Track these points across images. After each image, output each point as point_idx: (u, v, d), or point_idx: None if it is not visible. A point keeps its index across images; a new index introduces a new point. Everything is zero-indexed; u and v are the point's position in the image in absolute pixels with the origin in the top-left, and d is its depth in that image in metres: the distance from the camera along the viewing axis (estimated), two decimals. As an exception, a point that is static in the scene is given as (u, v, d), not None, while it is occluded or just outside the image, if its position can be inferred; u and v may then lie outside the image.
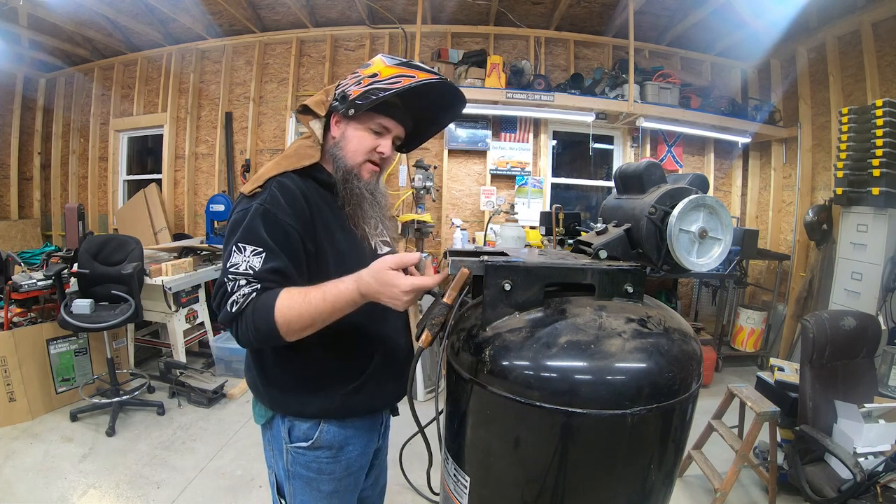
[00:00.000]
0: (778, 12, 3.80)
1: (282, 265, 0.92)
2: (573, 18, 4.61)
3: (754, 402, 2.23)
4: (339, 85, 1.08)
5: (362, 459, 1.15)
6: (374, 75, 1.02)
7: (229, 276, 0.91)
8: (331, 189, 1.07)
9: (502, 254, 0.97)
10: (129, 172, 5.61)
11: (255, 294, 0.89)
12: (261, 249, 0.91)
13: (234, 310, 0.89)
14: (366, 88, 1.01)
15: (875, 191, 3.09)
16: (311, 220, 0.99)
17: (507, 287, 0.87)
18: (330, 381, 1.06)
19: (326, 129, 1.10)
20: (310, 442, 1.05)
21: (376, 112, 1.05)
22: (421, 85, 1.01)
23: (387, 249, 1.19)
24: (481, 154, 4.73)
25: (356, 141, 1.06)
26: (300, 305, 0.88)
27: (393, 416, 1.26)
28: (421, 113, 1.15)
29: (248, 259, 0.90)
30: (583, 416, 0.76)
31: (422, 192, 4.02)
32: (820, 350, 2.09)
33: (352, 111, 1.02)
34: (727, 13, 3.97)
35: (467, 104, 1.19)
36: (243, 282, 0.89)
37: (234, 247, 0.92)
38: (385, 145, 1.08)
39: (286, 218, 0.94)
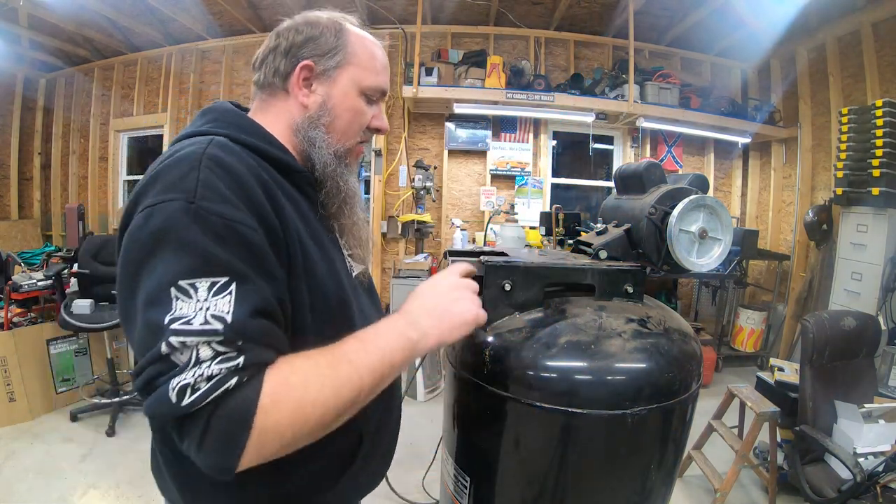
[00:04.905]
0: (778, 12, 3.80)
1: (265, 302, 0.55)
2: (573, 18, 4.61)
3: (754, 402, 2.22)
4: None
5: None
6: None
7: (173, 340, 0.49)
8: (298, 181, 0.72)
9: (502, 254, 0.97)
10: (130, 172, 5.59)
11: (235, 376, 0.49)
12: (225, 279, 0.52)
13: (189, 399, 0.47)
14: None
15: (875, 191, 3.09)
16: (276, 220, 0.62)
17: (507, 287, 0.87)
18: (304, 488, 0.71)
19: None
20: None
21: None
22: None
23: (360, 268, 0.83)
24: (481, 154, 4.72)
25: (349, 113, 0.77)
26: (318, 385, 0.52)
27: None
28: None
29: (206, 304, 0.51)
30: (583, 416, 0.76)
31: (422, 192, 4.03)
32: (820, 350, 2.08)
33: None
34: (727, 13, 3.97)
35: (467, 104, 1.15)
36: (207, 352, 0.49)
37: (173, 290, 0.50)
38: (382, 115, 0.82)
39: (237, 214, 0.56)
